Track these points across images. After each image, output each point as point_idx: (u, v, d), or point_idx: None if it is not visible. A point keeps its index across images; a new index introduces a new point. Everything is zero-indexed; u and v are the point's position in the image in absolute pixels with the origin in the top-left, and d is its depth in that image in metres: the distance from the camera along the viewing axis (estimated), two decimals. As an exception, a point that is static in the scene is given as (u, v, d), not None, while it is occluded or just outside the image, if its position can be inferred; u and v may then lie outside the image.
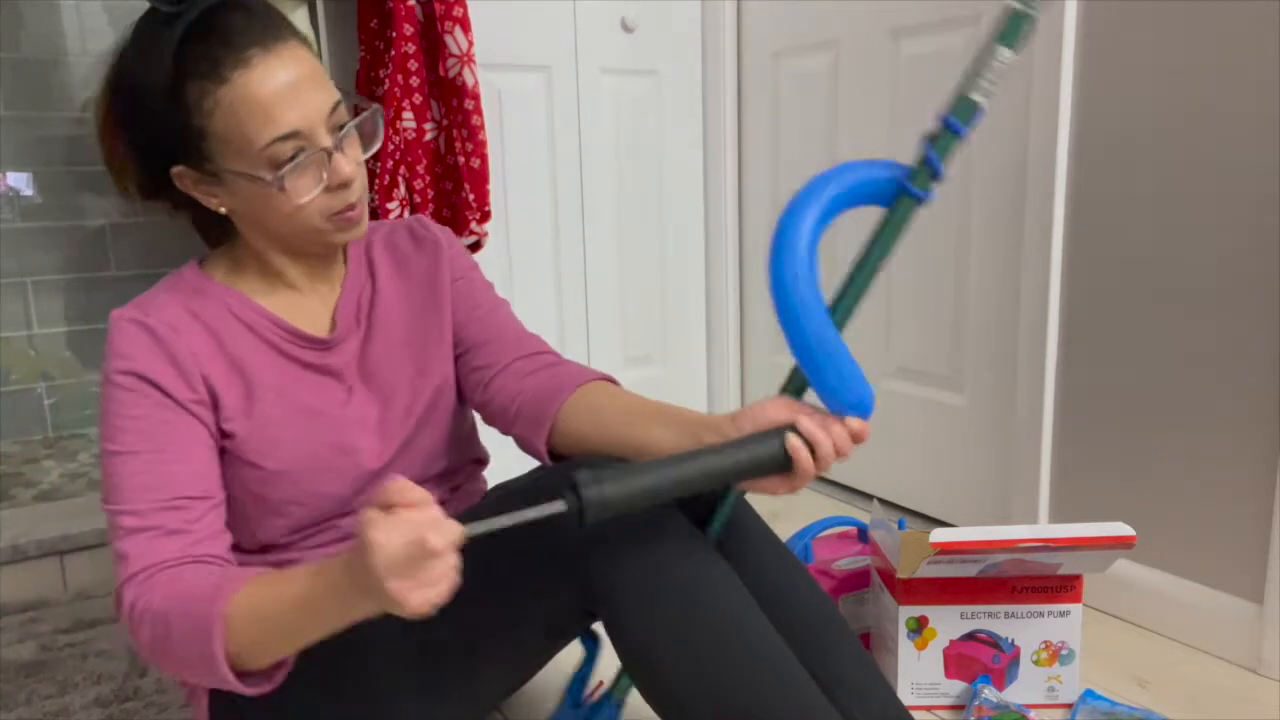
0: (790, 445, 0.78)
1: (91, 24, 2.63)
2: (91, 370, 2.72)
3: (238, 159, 0.84)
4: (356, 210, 0.91)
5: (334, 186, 0.87)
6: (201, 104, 0.82)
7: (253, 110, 0.82)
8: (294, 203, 0.86)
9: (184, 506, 0.84)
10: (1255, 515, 1.26)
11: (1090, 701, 1.17)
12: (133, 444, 0.84)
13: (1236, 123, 1.23)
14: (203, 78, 0.81)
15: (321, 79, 0.87)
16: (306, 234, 0.90)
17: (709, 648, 0.79)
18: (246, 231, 0.94)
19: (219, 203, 0.90)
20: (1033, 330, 1.51)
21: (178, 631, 0.76)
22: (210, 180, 0.88)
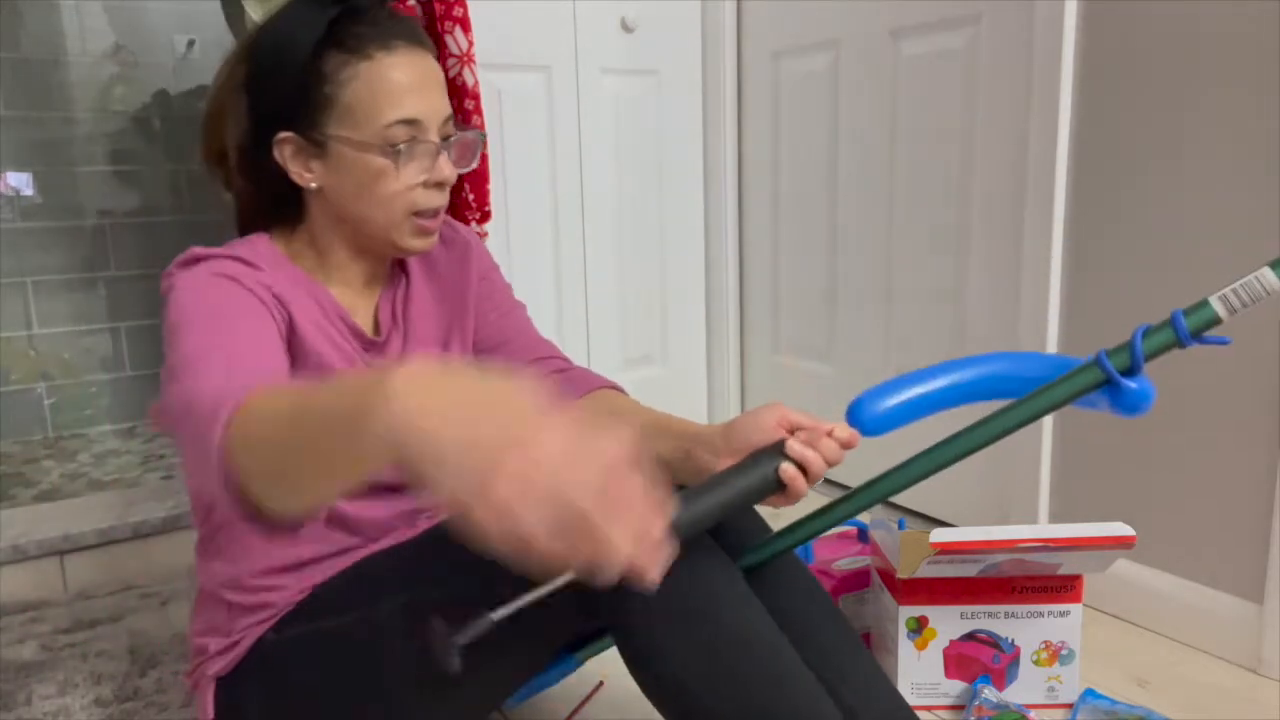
0: (784, 475, 0.79)
1: (91, 24, 2.64)
2: (92, 370, 2.72)
3: (355, 130, 0.88)
4: (437, 220, 0.94)
5: (432, 183, 0.91)
6: (339, 74, 0.87)
7: (385, 89, 0.87)
8: (398, 184, 0.89)
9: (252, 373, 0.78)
10: (1255, 515, 1.26)
11: (1091, 700, 1.17)
12: (203, 320, 0.80)
13: (1236, 123, 1.23)
14: (347, 50, 0.87)
15: (445, 89, 0.93)
16: (386, 226, 0.92)
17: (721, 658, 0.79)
18: (319, 218, 0.95)
19: (312, 177, 0.91)
20: (1033, 330, 1.51)
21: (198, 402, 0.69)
22: (312, 152, 0.90)
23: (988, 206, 1.64)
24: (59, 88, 2.59)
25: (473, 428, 0.47)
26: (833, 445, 0.81)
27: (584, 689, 1.24)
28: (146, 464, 2.34)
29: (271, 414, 0.63)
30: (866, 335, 1.94)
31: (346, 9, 0.88)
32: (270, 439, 0.61)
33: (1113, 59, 1.36)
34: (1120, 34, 1.35)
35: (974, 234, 1.67)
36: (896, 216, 1.83)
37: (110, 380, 2.75)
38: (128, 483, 2.15)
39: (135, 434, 2.68)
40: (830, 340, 2.04)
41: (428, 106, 0.89)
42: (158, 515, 1.69)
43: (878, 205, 1.86)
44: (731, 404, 2.31)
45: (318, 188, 0.92)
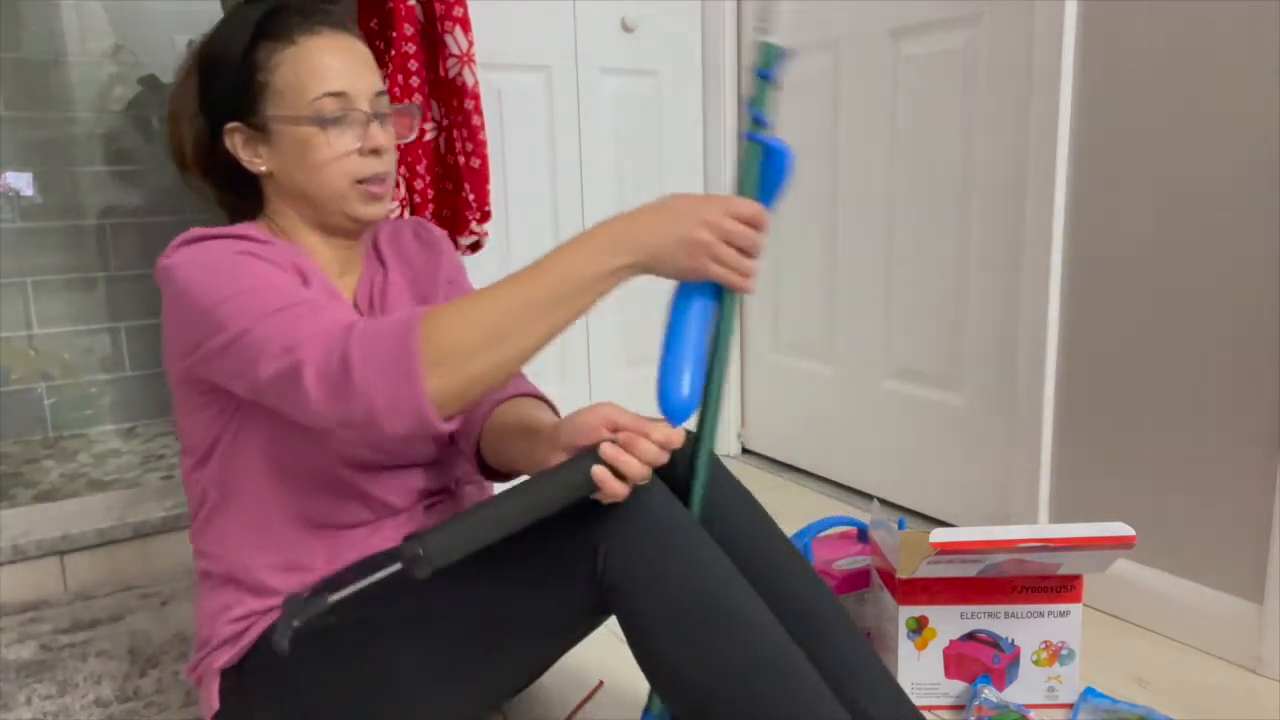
0: (596, 476, 0.79)
1: (91, 24, 2.63)
2: (92, 370, 2.72)
3: (289, 108, 0.95)
4: (383, 187, 1.00)
5: (366, 150, 0.97)
6: (269, 60, 0.95)
7: (311, 68, 0.95)
8: (330, 152, 0.95)
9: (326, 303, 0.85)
10: (1255, 515, 1.26)
11: (1091, 699, 1.17)
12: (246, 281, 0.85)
13: (1236, 123, 1.23)
14: (275, 39, 0.95)
15: (374, 68, 1.00)
16: (332, 196, 0.97)
17: (720, 643, 0.80)
18: (279, 202, 1.00)
19: (261, 162, 0.98)
20: (1033, 330, 1.51)
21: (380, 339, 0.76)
22: (258, 137, 0.97)
23: (988, 206, 1.64)
24: (59, 88, 2.59)
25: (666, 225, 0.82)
26: (650, 447, 0.80)
27: (584, 689, 1.24)
28: (146, 464, 2.34)
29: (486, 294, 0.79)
30: (866, 335, 1.94)
31: (275, 6, 0.97)
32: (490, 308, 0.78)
33: (1113, 59, 1.36)
34: (1120, 34, 1.35)
35: (974, 234, 1.67)
36: (896, 216, 1.83)
37: (110, 380, 2.75)
38: (128, 483, 2.15)
39: (135, 434, 2.68)
40: (830, 340, 2.04)
41: (353, 80, 0.96)
42: (158, 515, 1.69)
43: (878, 205, 1.86)
44: (732, 404, 2.31)
45: (268, 171, 0.98)
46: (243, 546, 0.96)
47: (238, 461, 0.95)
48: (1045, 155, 1.45)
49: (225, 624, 0.96)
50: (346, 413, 0.77)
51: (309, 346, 0.78)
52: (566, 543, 0.84)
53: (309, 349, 0.78)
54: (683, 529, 0.85)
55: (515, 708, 1.21)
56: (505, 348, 0.78)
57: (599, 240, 0.81)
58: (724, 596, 0.82)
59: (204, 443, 0.96)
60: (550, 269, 0.80)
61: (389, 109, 1.01)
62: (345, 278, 1.05)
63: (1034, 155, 1.48)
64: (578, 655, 1.04)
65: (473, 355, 0.77)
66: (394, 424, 0.76)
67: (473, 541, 0.78)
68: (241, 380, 0.84)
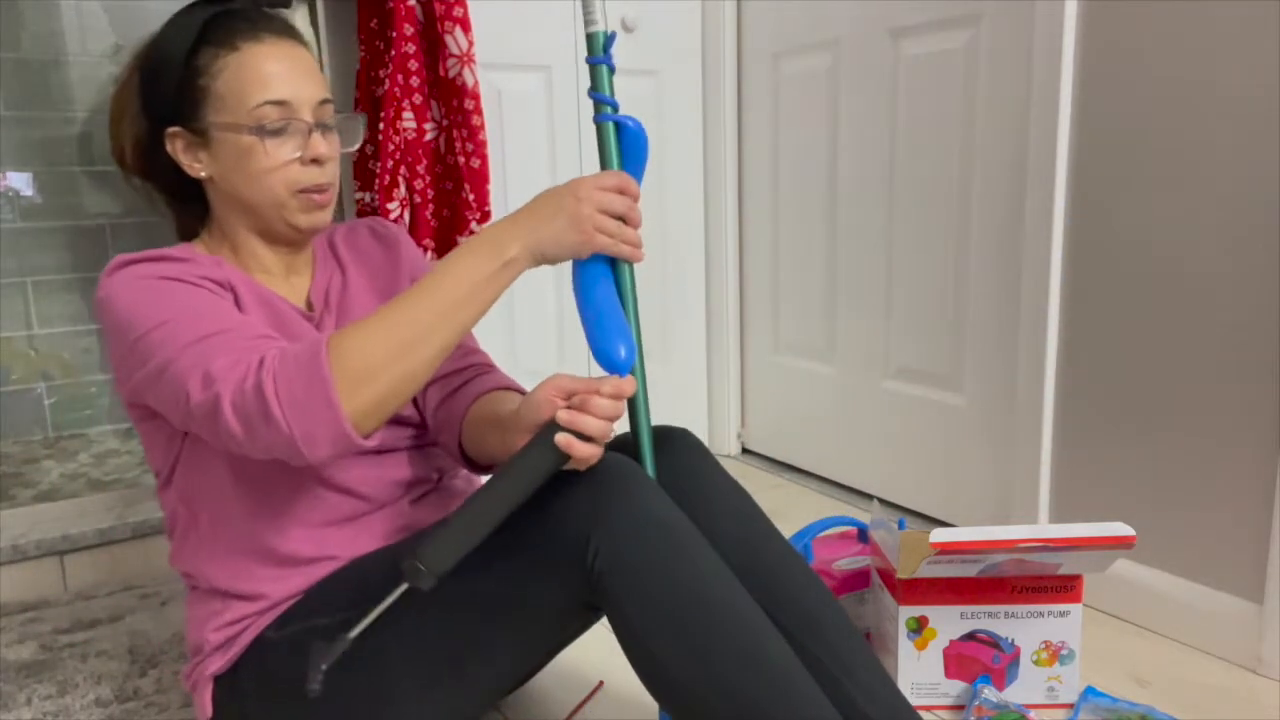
0: (560, 443, 0.82)
1: (91, 24, 2.63)
2: (93, 371, 2.72)
3: (229, 114, 0.94)
4: (324, 196, 0.99)
5: (307, 160, 0.96)
6: (211, 66, 0.94)
7: (252, 75, 0.94)
8: (269, 161, 0.94)
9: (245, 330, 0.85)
10: (1255, 515, 1.26)
11: (1092, 699, 1.17)
12: (168, 313, 0.86)
13: (1236, 123, 1.23)
14: (217, 45, 0.94)
15: (317, 76, 0.99)
16: (272, 205, 0.97)
17: (707, 639, 0.80)
18: (220, 208, 1.00)
19: (201, 167, 0.97)
20: (1033, 330, 1.51)
21: (291, 369, 0.78)
22: (198, 142, 0.96)
23: (988, 206, 1.64)
24: (59, 88, 2.59)
25: (544, 211, 0.87)
26: (603, 402, 0.83)
27: (584, 689, 1.24)
28: (146, 464, 2.34)
29: (386, 311, 0.81)
30: (866, 335, 1.94)
31: (221, 11, 0.96)
32: (393, 322, 0.80)
33: (1113, 59, 1.36)
34: (1120, 34, 1.35)
35: (974, 234, 1.67)
36: (896, 216, 1.83)
37: (110, 380, 2.74)
38: (128, 483, 2.15)
39: (135, 434, 2.68)
40: (830, 340, 2.04)
41: (296, 89, 0.95)
42: (158, 515, 1.69)
43: (878, 205, 1.86)
44: (732, 404, 2.31)
45: (208, 176, 0.98)
46: (224, 557, 0.96)
47: (201, 478, 0.95)
48: (1045, 155, 1.45)
49: (214, 630, 0.96)
50: (268, 443, 0.78)
51: (224, 380, 0.79)
52: (557, 537, 0.84)
53: (224, 383, 0.79)
54: (675, 528, 0.85)
55: (515, 708, 1.21)
56: (412, 358, 0.81)
57: (485, 240, 0.85)
58: (714, 596, 0.82)
59: (165, 464, 0.98)
60: (444, 276, 0.83)
61: (332, 120, 1.00)
62: (293, 279, 1.05)
63: (1034, 155, 1.48)
64: (578, 655, 1.04)
65: (382, 371, 0.79)
66: (316, 450, 0.78)
67: (465, 542, 0.81)
68: (171, 412, 0.86)
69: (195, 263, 0.93)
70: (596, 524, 0.82)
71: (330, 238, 1.13)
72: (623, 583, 0.82)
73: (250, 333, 0.85)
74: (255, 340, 0.84)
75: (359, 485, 0.99)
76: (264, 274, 1.03)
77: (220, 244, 1.02)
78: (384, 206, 1.62)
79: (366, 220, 1.18)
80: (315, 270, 1.08)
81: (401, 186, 1.65)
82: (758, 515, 0.98)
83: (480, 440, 1.01)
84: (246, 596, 0.95)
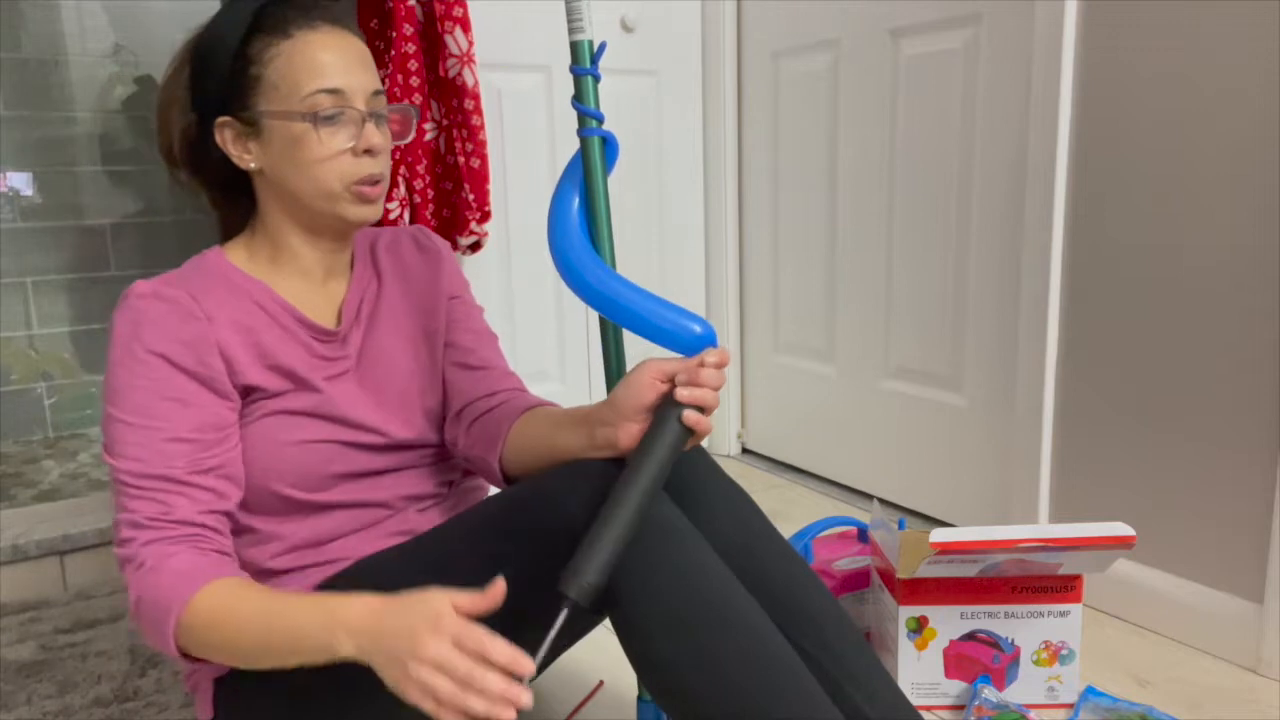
0: (689, 420, 0.84)
1: (91, 24, 2.63)
2: (92, 370, 2.72)
3: (281, 102, 0.92)
4: (376, 189, 0.97)
5: (360, 151, 0.94)
6: (264, 54, 0.92)
7: (307, 62, 0.92)
8: (323, 150, 0.92)
9: (179, 485, 0.86)
10: (1255, 515, 1.26)
11: (1092, 698, 1.17)
12: (131, 414, 0.87)
13: (1236, 123, 1.23)
14: (270, 33, 0.92)
15: (371, 67, 0.97)
16: (323, 197, 0.95)
17: (712, 646, 0.80)
18: (267, 202, 0.98)
19: (251, 158, 0.95)
20: (1033, 330, 1.51)
21: (146, 609, 0.82)
22: (248, 133, 0.94)
23: (988, 206, 1.64)
24: (59, 88, 2.59)
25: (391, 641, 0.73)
26: (712, 373, 0.85)
27: (584, 689, 1.24)
28: (146, 464, 2.34)
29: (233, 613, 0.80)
30: (866, 335, 1.94)
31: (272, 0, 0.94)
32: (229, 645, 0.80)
33: (1113, 59, 1.36)
34: (1120, 33, 1.35)
35: (974, 234, 1.67)
36: (896, 216, 1.83)
37: (110, 380, 2.74)
38: (128, 483, 2.14)
39: (135, 434, 2.68)
40: (830, 340, 2.04)
41: (350, 79, 0.93)
42: (158, 515, 1.68)
43: (878, 205, 1.86)
44: (731, 404, 2.31)
45: (258, 168, 0.96)
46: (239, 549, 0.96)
47: None
48: (1045, 155, 1.45)
49: None
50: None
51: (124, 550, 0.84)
52: (562, 544, 0.84)
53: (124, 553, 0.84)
54: (678, 531, 0.85)
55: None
56: (240, 662, 0.83)
57: (341, 619, 0.76)
58: (718, 599, 0.82)
59: None
60: (294, 620, 0.79)
61: (386, 110, 0.98)
62: (331, 283, 1.04)
63: (1034, 155, 1.47)
64: (578, 655, 1.04)
65: (213, 655, 0.83)
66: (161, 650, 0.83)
67: (620, 549, 0.79)
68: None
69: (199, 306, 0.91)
70: None
71: (373, 243, 1.11)
72: (627, 587, 0.81)
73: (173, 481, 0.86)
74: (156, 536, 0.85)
75: (371, 502, 1.00)
76: (300, 278, 1.01)
77: (262, 244, 1.00)
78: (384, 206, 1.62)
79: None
80: (353, 276, 1.06)
81: (401, 186, 1.65)
82: (758, 517, 0.98)
83: (540, 448, 0.98)
84: None
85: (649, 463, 0.83)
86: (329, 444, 0.96)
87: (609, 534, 0.79)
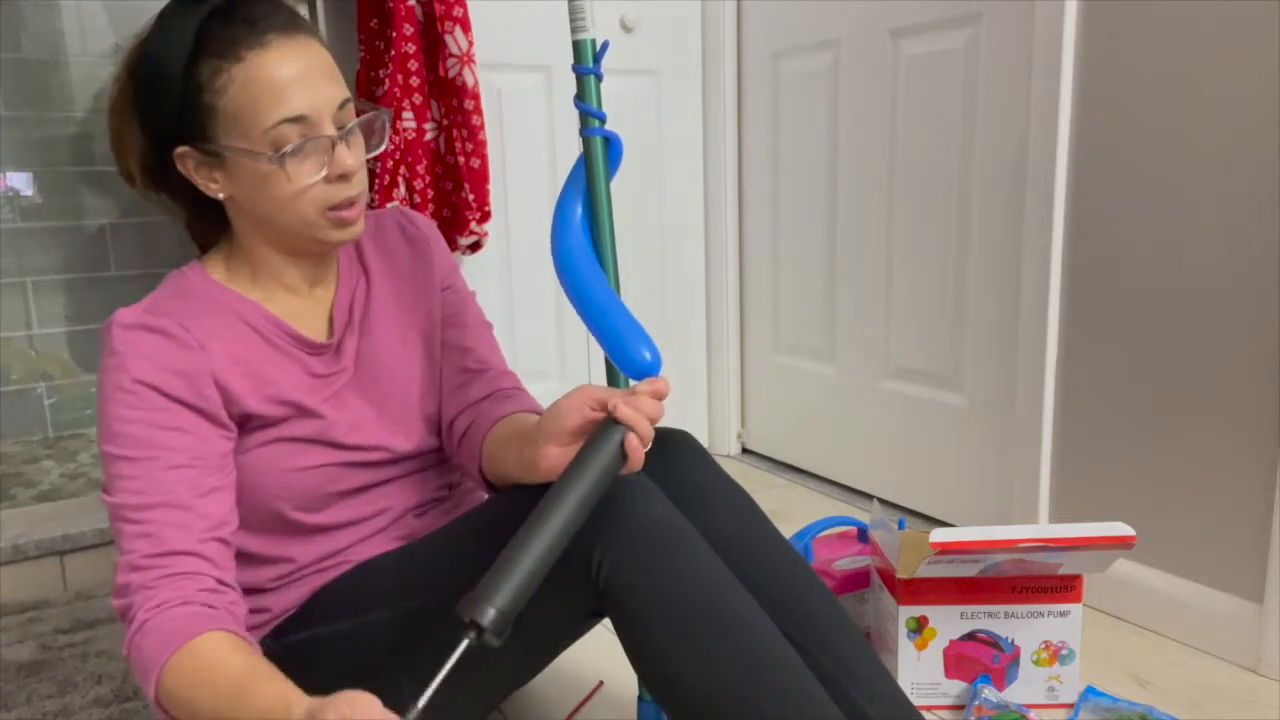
0: (629, 447, 0.80)
1: (91, 24, 2.63)
2: (92, 370, 2.72)
3: (243, 138, 0.85)
4: (355, 210, 0.91)
5: (334, 177, 0.88)
6: (214, 81, 0.84)
7: (264, 90, 0.83)
8: (293, 186, 0.86)
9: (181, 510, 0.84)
10: (1255, 515, 1.26)
11: (1092, 698, 1.17)
12: (129, 448, 0.84)
13: (1236, 123, 1.23)
14: (219, 56, 0.84)
15: (334, 74, 0.89)
16: (301, 226, 0.90)
17: (714, 648, 0.80)
18: (241, 225, 0.94)
19: (218, 188, 0.89)
20: (1032, 330, 1.51)
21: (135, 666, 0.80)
22: (212, 163, 0.88)
23: (988, 206, 1.64)
24: (59, 88, 2.59)
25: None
26: (649, 401, 0.82)
27: (584, 689, 1.24)
28: (146, 464, 2.34)
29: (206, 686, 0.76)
30: (866, 335, 1.94)
31: (214, 9, 0.85)
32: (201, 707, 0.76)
33: (1112, 59, 1.36)
34: (1120, 33, 1.35)
35: (974, 234, 1.67)
36: (896, 216, 1.83)
37: (110, 380, 2.74)
38: (128, 483, 2.14)
39: (135, 434, 2.68)
40: (830, 340, 2.04)
41: (313, 98, 0.85)
42: (158, 515, 1.68)
43: (878, 205, 1.86)
44: (731, 404, 2.31)
45: (226, 197, 0.90)
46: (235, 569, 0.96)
47: None
48: (1045, 155, 1.45)
49: None
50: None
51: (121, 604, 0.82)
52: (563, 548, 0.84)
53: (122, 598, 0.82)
54: (678, 533, 0.84)
55: (515, 708, 1.21)
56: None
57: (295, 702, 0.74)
58: (719, 601, 0.82)
59: None
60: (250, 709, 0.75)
61: (355, 122, 0.90)
62: (318, 291, 1.00)
63: (1034, 155, 1.47)
64: (578, 655, 1.04)
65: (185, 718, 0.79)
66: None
67: (525, 593, 0.72)
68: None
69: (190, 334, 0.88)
70: (600, 534, 0.81)
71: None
72: (628, 591, 0.81)
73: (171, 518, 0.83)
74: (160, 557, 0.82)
75: (371, 514, 0.99)
76: (285, 292, 0.97)
77: (241, 262, 0.96)
78: (383, 206, 1.62)
79: (394, 213, 1.09)
80: (340, 281, 1.02)
81: (401, 186, 1.65)
82: (759, 518, 0.98)
83: (499, 458, 0.96)
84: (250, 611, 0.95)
85: (579, 483, 0.77)
86: (332, 467, 0.96)
87: (523, 559, 0.72)
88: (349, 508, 0.98)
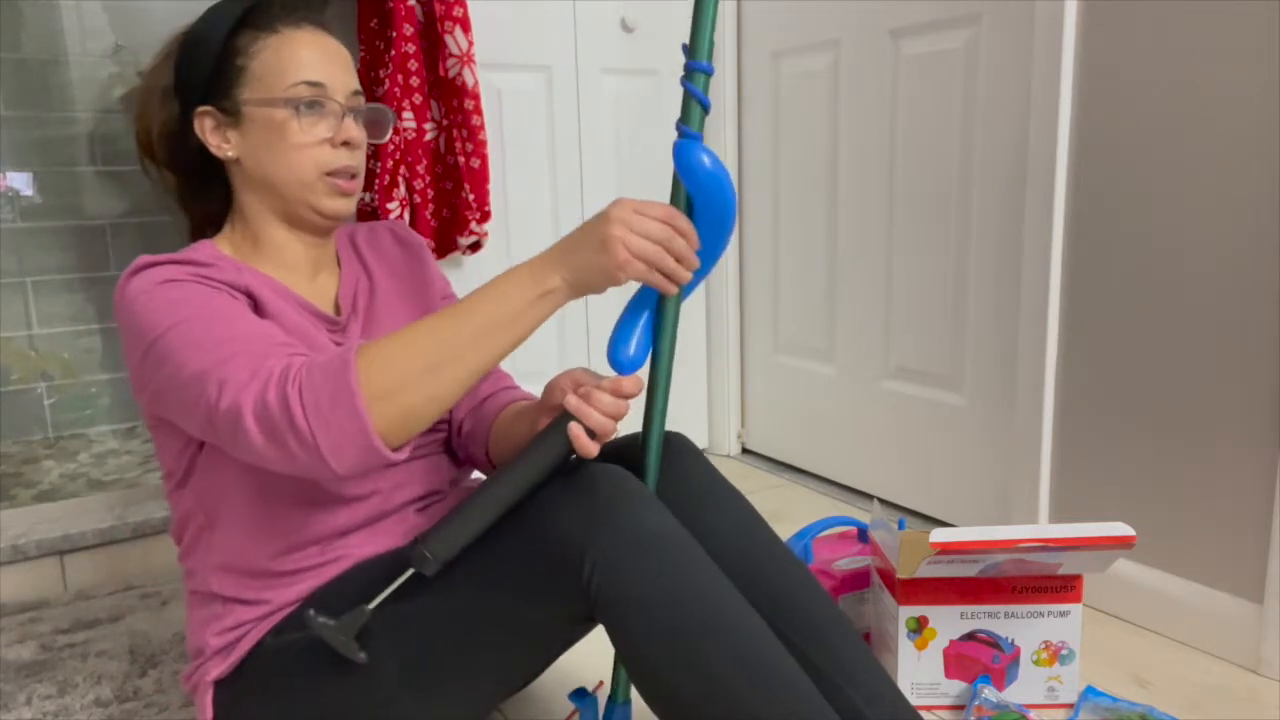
0: (571, 433, 0.86)
1: (91, 24, 2.63)
2: (92, 371, 2.72)
3: (265, 91, 0.95)
4: (352, 183, 0.99)
5: (338, 142, 0.97)
6: (250, 47, 0.96)
7: (291, 57, 0.96)
8: (303, 137, 0.95)
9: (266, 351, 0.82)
10: (1255, 515, 1.26)
11: (1092, 698, 1.17)
12: (190, 311, 0.85)
13: (1236, 123, 1.23)
14: (258, 27, 0.97)
15: (353, 71, 1.01)
16: (299, 188, 0.97)
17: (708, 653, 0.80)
18: (245, 192, 1.00)
19: (230, 148, 0.97)
20: (1033, 330, 1.51)
21: (317, 379, 0.76)
22: (228, 122, 0.97)
23: (988, 206, 1.64)
24: (59, 88, 2.59)
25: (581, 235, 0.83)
26: (605, 397, 0.87)
27: (584, 689, 1.23)
28: (146, 464, 2.34)
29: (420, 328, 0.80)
30: (866, 335, 1.94)
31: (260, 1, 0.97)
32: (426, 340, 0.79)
33: (1113, 59, 1.36)
34: (1120, 33, 1.35)
35: (974, 234, 1.67)
36: (896, 216, 1.83)
37: (110, 380, 2.74)
38: (128, 483, 2.15)
39: (135, 434, 2.68)
40: (830, 340, 2.04)
41: (331, 75, 0.97)
42: (158, 515, 1.69)
43: (878, 205, 1.86)
44: (731, 404, 2.31)
45: (235, 158, 0.98)
46: (233, 561, 0.95)
47: (216, 480, 0.94)
48: (1045, 155, 1.45)
49: (215, 635, 0.95)
50: (290, 454, 0.77)
51: (248, 389, 0.77)
52: (554, 551, 0.84)
53: (248, 392, 0.77)
54: (672, 537, 0.84)
55: (515, 708, 1.21)
56: (442, 378, 0.79)
57: (527, 268, 0.83)
58: (713, 606, 0.81)
59: (179, 468, 0.96)
60: (483, 300, 0.82)
61: (364, 109, 1.01)
62: (320, 277, 1.04)
63: (1034, 155, 1.47)
64: (578, 656, 1.03)
65: (411, 387, 0.78)
66: (342, 462, 0.76)
67: (471, 528, 0.84)
68: (189, 420, 0.84)
69: (217, 268, 0.92)
70: (591, 540, 0.81)
71: (351, 237, 1.12)
72: (620, 598, 0.81)
73: (272, 340, 0.83)
74: (277, 348, 0.82)
75: (375, 495, 0.99)
76: (289, 272, 1.01)
77: (243, 238, 1.01)
78: (384, 206, 1.62)
79: (386, 224, 1.17)
80: (342, 270, 1.07)
81: (401, 186, 1.65)
82: (755, 520, 0.98)
83: (506, 434, 1.04)
84: (249, 602, 0.95)
85: (514, 463, 0.86)
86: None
87: (464, 509, 0.84)
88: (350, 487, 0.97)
